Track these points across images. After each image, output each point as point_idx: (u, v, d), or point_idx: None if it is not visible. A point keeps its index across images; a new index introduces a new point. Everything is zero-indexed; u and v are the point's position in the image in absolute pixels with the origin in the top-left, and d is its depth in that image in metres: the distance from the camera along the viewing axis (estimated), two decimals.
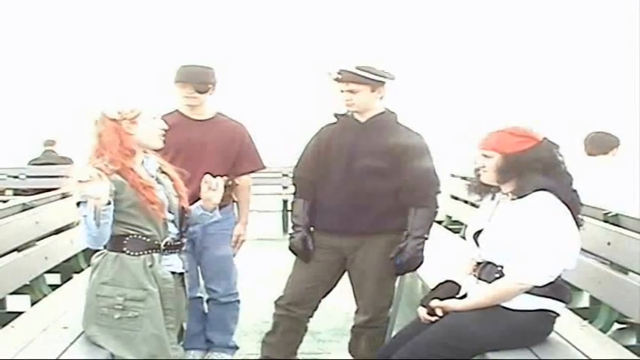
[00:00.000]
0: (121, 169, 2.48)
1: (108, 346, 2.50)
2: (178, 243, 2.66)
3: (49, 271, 3.83)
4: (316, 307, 3.26)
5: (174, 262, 2.65)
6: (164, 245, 2.58)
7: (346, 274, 3.25)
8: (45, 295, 3.58)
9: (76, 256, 4.21)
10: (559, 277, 2.56)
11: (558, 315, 2.60)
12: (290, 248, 3.21)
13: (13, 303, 3.62)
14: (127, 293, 2.49)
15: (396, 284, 3.24)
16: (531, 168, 2.50)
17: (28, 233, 3.62)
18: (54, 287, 3.75)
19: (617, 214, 3.32)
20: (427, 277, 3.80)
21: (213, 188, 2.65)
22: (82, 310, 2.60)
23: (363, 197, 3.07)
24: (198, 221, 2.75)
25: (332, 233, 3.15)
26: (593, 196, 3.59)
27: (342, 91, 3.05)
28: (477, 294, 2.58)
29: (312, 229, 3.21)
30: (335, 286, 3.26)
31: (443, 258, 4.09)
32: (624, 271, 3.04)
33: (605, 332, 3.10)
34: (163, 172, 2.68)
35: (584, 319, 3.10)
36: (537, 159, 2.50)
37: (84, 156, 2.57)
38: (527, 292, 2.50)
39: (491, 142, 2.58)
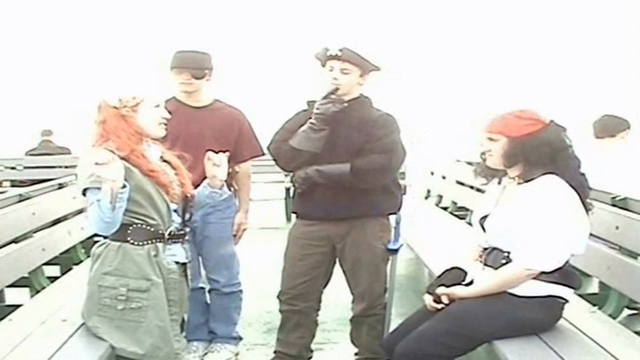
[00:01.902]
0: (130, 154, 2.45)
1: (110, 338, 2.47)
2: (182, 232, 2.62)
3: (47, 263, 3.78)
4: (320, 300, 3.24)
5: (178, 252, 2.62)
6: (168, 235, 2.54)
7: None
8: (44, 288, 3.54)
9: (74, 247, 4.17)
10: (567, 262, 2.51)
11: (567, 301, 2.55)
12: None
13: (12, 296, 3.58)
14: (130, 284, 2.46)
15: (388, 269, 3.21)
16: (538, 152, 2.45)
17: (25, 224, 3.57)
18: (53, 279, 3.71)
19: (625, 198, 3.27)
20: (433, 264, 3.76)
21: (217, 164, 2.60)
22: (82, 302, 2.56)
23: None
24: (208, 200, 2.70)
25: (318, 221, 3.11)
26: (600, 180, 3.54)
27: (332, 69, 2.99)
28: (484, 280, 2.54)
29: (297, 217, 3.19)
30: (331, 275, 3.23)
31: (449, 244, 4.05)
32: (634, 255, 3.00)
33: (614, 318, 3.06)
34: (165, 161, 2.64)
35: (594, 305, 3.06)
36: (544, 142, 2.45)
37: (86, 143, 2.54)
38: (535, 279, 2.45)
39: (497, 125, 2.53)
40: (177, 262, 2.60)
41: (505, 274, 2.48)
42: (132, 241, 2.48)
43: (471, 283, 2.62)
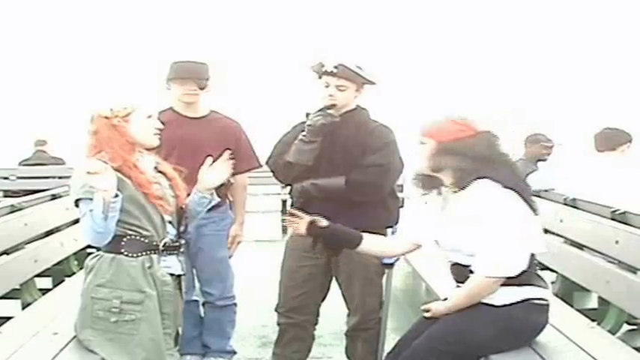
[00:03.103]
0: (123, 165, 2.42)
1: (102, 351, 2.43)
2: (177, 244, 2.59)
3: (39, 275, 3.74)
4: (317, 314, 3.21)
5: (173, 264, 2.58)
6: (163, 246, 2.51)
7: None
8: (35, 300, 3.49)
9: (67, 259, 4.13)
10: (533, 263, 2.46)
11: (547, 301, 2.49)
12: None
13: (3, 307, 3.53)
14: (123, 296, 2.42)
15: (383, 283, 3.18)
16: (464, 158, 2.41)
17: (17, 235, 3.53)
18: (44, 291, 3.67)
19: (625, 212, 3.23)
20: (430, 278, 3.74)
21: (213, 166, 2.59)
22: (74, 315, 2.52)
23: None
24: (198, 208, 2.66)
25: None
26: (600, 193, 3.53)
27: (328, 85, 2.98)
28: (456, 295, 2.51)
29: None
30: (329, 289, 3.20)
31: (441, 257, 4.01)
32: (633, 270, 2.99)
33: (614, 334, 3.05)
34: (159, 172, 2.60)
35: (593, 320, 3.05)
36: (472, 150, 2.42)
37: (79, 154, 2.52)
38: (505, 285, 2.40)
39: (428, 128, 2.52)
40: (172, 275, 2.56)
41: (471, 286, 2.44)
42: (126, 253, 2.45)
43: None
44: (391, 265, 3.13)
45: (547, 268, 3.95)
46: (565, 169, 4.08)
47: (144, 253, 2.47)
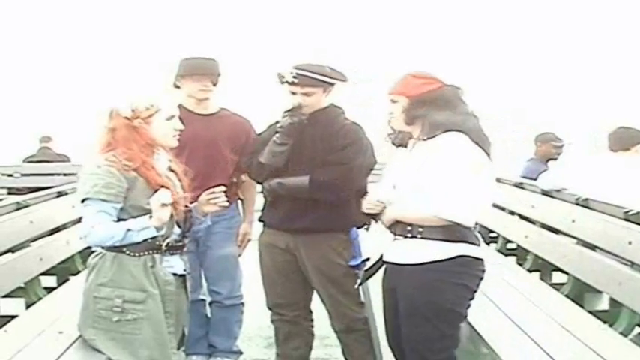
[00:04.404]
0: (141, 166, 2.41)
1: (106, 349, 2.42)
2: (180, 244, 2.57)
3: (44, 273, 3.72)
4: (309, 310, 3.20)
5: (176, 263, 2.56)
6: (165, 245, 2.49)
7: None
8: (40, 298, 3.47)
9: (72, 257, 4.10)
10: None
11: (481, 260, 2.48)
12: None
13: (7, 306, 3.50)
14: (125, 295, 2.41)
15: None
16: (435, 106, 2.48)
17: (22, 233, 3.51)
18: (49, 290, 3.66)
19: (638, 213, 3.20)
20: None
21: (212, 200, 2.58)
22: (79, 314, 2.51)
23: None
24: (196, 219, 2.64)
25: (278, 230, 3.10)
26: (613, 193, 3.49)
27: (295, 94, 2.98)
28: (404, 212, 2.50)
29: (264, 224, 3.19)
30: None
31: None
32: None
33: (626, 336, 3.01)
34: (171, 171, 2.59)
35: (604, 322, 3.02)
36: (442, 99, 2.50)
37: (88, 152, 2.50)
38: (443, 240, 2.42)
39: (397, 86, 2.58)
40: (174, 274, 2.55)
41: (421, 217, 2.44)
42: (128, 252, 2.43)
43: (380, 259, 2.61)
44: (357, 266, 3.07)
45: (558, 269, 3.92)
46: (577, 168, 4.03)
47: (146, 253, 2.45)
